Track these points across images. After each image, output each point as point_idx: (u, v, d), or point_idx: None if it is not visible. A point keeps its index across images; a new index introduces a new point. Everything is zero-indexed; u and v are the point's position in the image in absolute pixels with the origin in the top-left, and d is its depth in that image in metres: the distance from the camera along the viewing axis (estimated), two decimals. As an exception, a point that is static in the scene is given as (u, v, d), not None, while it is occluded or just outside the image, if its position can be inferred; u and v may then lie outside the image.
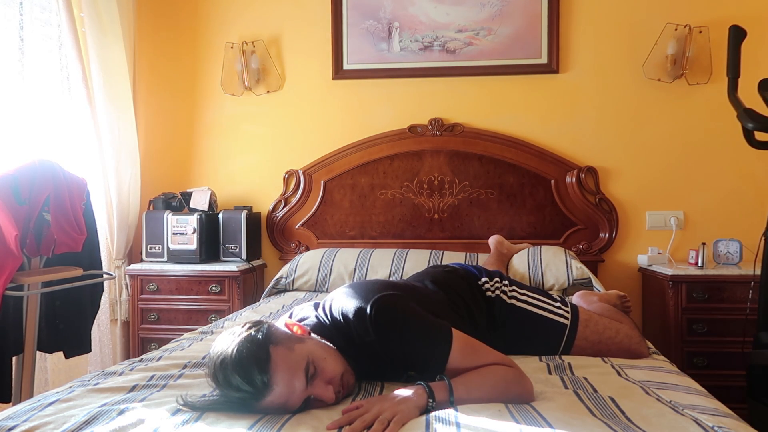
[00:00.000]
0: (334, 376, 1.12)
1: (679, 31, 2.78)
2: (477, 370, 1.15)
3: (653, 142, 2.86)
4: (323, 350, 1.14)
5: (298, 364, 1.07)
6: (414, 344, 1.19)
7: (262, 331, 1.08)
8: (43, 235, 1.75)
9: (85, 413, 1.06)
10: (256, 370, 1.02)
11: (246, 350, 1.04)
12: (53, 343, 1.95)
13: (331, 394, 1.10)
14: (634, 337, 1.59)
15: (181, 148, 3.15)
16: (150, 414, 1.06)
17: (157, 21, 3.15)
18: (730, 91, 2.12)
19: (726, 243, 2.64)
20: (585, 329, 1.56)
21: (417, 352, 1.19)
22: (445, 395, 1.07)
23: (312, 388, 1.08)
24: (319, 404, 1.10)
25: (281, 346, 1.08)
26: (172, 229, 2.80)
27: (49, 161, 1.80)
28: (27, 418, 1.06)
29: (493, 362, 1.18)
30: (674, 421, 0.99)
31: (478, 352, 1.20)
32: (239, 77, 3.08)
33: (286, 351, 1.08)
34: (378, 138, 2.99)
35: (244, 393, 1.03)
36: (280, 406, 1.05)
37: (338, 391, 1.12)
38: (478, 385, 1.11)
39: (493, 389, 1.11)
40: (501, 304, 1.57)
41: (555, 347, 1.55)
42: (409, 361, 1.22)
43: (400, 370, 1.26)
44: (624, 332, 1.59)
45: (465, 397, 1.07)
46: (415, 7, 2.98)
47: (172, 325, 2.77)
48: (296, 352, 1.08)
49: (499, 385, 1.12)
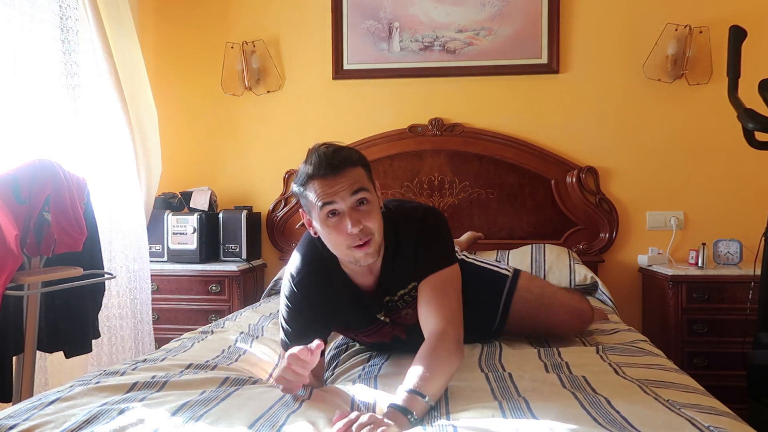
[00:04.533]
0: (369, 226, 1.25)
1: (680, 31, 2.78)
2: (429, 364, 1.16)
3: (653, 142, 2.87)
4: (379, 211, 1.30)
5: (365, 182, 1.26)
6: (436, 239, 1.36)
7: (366, 158, 1.32)
8: (44, 235, 1.75)
9: (86, 412, 1.06)
10: (343, 153, 1.25)
11: (351, 149, 1.30)
12: (53, 343, 1.95)
13: (356, 226, 1.22)
14: (575, 296, 1.75)
15: (181, 148, 3.15)
16: (150, 413, 1.06)
17: (157, 21, 3.15)
18: (731, 92, 2.12)
19: (726, 243, 2.64)
20: (528, 282, 1.66)
21: (433, 247, 1.35)
22: (417, 400, 1.07)
23: (352, 211, 1.23)
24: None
25: (367, 171, 1.29)
26: (173, 229, 2.80)
27: (49, 161, 1.80)
28: (27, 417, 1.05)
29: (444, 318, 1.27)
30: (671, 421, 0.99)
31: (450, 297, 1.32)
32: (239, 77, 3.08)
33: (366, 174, 1.28)
34: (378, 138, 2.99)
35: (325, 157, 1.22)
36: (326, 195, 1.22)
37: (359, 235, 1.24)
38: (437, 377, 1.14)
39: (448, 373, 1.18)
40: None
41: (498, 294, 1.63)
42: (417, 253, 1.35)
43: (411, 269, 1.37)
44: (567, 292, 1.71)
45: (434, 391, 1.11)
46: (415, 7, 2.98)
47: (173, 324, 2.77)
48: (369, 182, 1.28)
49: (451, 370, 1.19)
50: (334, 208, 1.23)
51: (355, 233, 1.22)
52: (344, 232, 1.23)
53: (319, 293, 1.38)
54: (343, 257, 1.33)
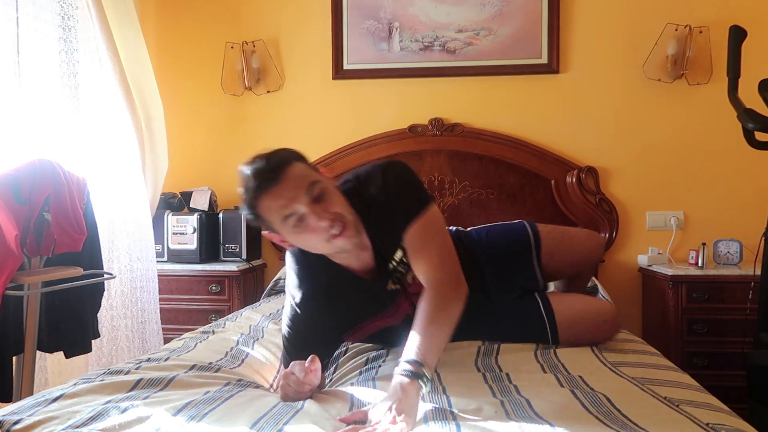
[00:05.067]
0: (337, 211, 1.21)
1: (680, 31, 2.78)
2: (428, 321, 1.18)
3: (653, 142, 2.87)
4: (338, 193, 1.27)
5: (312, 176, 1.21)
6: (402, 189, 1.33)
7: (297, 151, 1.26)
8: (44, 235, 1.75)
9: (90, 410, 1.06)
10: (279, 155, 1.22)
11: (279, 150, 1.25)
12: (53, 343, 1.95)
13: (323, 219, 1.18)
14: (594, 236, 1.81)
15: (182, 148, 3.15)
16: (154, 411, 1.06)
17: (157, 21, 3.15)
18: (731, 92, 2.12)
19: (726, 243, 2.64)
20: (544, 228, 1.67)
21: (402, 196, 1.32)
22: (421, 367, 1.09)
23: (313, 206, 1.18)
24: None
25: (304, 162, 1.24)
26: (173, 229, 2.80)
27: (49, 161, 1.80)
28: (32, 412, 1.06)
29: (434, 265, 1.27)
30: (670, 418, 0.99)
31: (435, 240, 1.30)
32: (239, 77, 3.08)
33: (307, 166, 1.24)
34: (378, 138, 2.99)
35: (259, 173, 1.20)
36: (280, 207, 1.18)
37: (331, 225, 1.20)
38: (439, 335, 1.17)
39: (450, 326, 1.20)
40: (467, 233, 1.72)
41: (527, 243, 1.63)
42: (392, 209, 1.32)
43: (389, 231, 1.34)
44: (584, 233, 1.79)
45: (437, 352, 1.15)
46: (415, 7, 2.98)
47: (172, 324, 2.77)
48: (314, 172, 1.24)
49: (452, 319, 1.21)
50: (294, 216, 1.19)
51: (326, 225, 1.19)
52: (316, 230, 1.19)
53: (327, 302, 1.35)
54: (329, 252, 1.29)
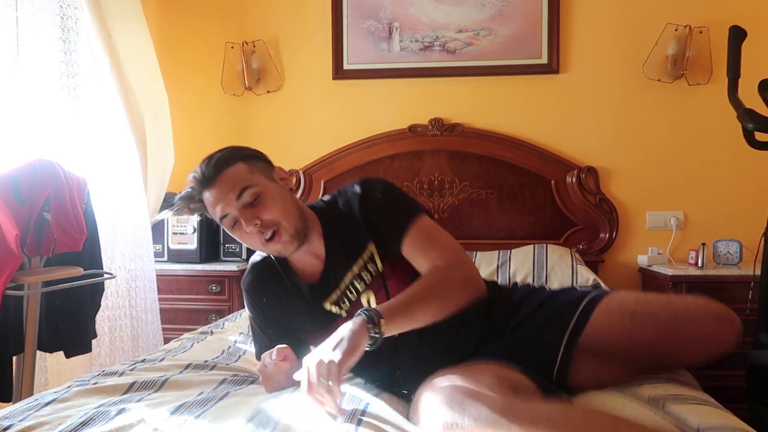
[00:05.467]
0: (269, 218, 1.18)
1: (680, 31, 2.78)
2: (416, 285, 1.11)
3: (653, 142, 2.86)
4: (282, 197, 1.22)
5: (246, 180, 1.18)
6: (388, 203, 1.25)
7: (250, 150, 1.27)
8: (44, 235, 1.75)
9: (83, 414, 1.06)
10: (216, 158, 1.20)
11: (225, 149, 1.23)
12: (53, 343, 1.95)
13: (251, 224, 1.16)
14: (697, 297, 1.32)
15: (182, 148, 3.15)
16: (149, 414, 1.06)
17: (158, 21, 3.15)
18: (731, 92, 2.12)
19: (726, 243, 2.64)
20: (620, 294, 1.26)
21: (388, 210, 1.24)
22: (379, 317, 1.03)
23: (243, 210, 1.17)
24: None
25: (249, 164, 1.22)
26: (173, 229, 2.80)
27: (49, 161, 1.80)
28: (24, 417, 1.05)
29: (441, 258, 1.17)
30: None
31: (435, 238, 1.22)
32: (239, 77, 3.08)
33: (248, 168, 1.21)
34: (378, 138, 2.99)
35: (196, 178, 1.20)
36: (215, 208, 1.19)
37: (260, 230, 1.18)
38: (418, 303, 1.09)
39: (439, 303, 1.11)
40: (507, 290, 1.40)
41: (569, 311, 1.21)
42: (378, 225, 1.24)
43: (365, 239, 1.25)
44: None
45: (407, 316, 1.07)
46: (415, 7, 2.98)
47: (173, 324, 2.77)
48: (254, 175, 1.21)
49: (443, 301, 1.11)
50: (228, 218, 1.19)
51: (255, 231, 1.17)
52: (248, 233, 1.19)
53: (264, 295, 1.33)
54: (265, 251, 1.29)
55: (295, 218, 1.22)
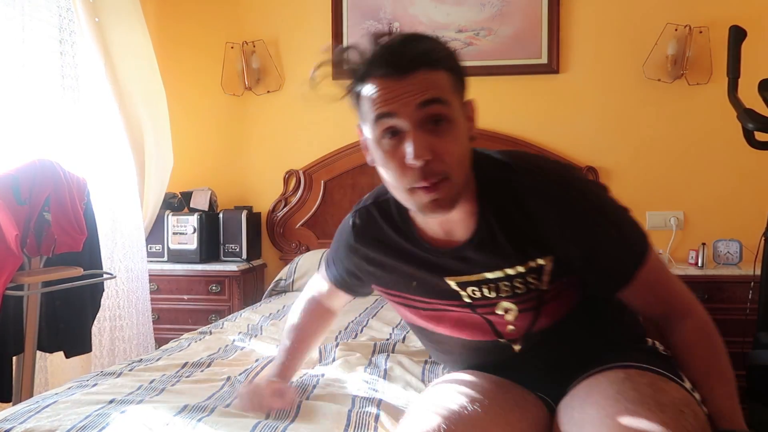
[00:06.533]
0: (444, 158, 0.85)
1: (680, 31, 2.78)
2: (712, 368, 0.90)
3: (653, 142, 2.86)
4: (464, 139, 0.90)
5: (440, 90, 0.86)
6: (609, 232, 0.90)
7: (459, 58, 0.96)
8: (44, 235, 1.75)
9: (83, 416, 1.06)
10: (417, 48, 0.87)
11: (425, 39, 0.91)
12: (53, 343, 1.95)
13: (420, 155, 0.83)
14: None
15: (182, 148, 3.15)
16: (150, 415, 1.05)
17: (157, 21, 3.15)
18: (730, 92, 2.12)
19: (726, 243, 2.64)
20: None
21: (609, 244, 0.90)
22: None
23: (419, 128, 0.84)
24: None
25: (453, 79, 0.91)
26: (173, 229, 2.80)
27: (49, 161, 1.80)
28: (24, 419, 1.05)
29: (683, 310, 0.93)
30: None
31: (665, 281, 0.94)
32: (239, 77, 3.08)
33: (451, 83, 0.89)
34: (378, 138, 2.99)
35: (384, 50, 0.86)
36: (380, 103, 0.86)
37: (423, 171, 0.84)
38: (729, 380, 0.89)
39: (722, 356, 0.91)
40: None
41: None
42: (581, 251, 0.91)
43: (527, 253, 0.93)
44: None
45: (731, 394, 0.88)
46: (415, 7, 2.98)
47: (173, 324, 2.77)
48: (453, 96, 0.89)
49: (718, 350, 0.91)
50: (392, 123, 0.85)
51: (418, 165, 0.84)
52: (402, 165, 0.85)
53: (369, 245, 1.06)
54: (403, 202, 0.92)
55: (465, 173, 0.90)
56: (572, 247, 0.91)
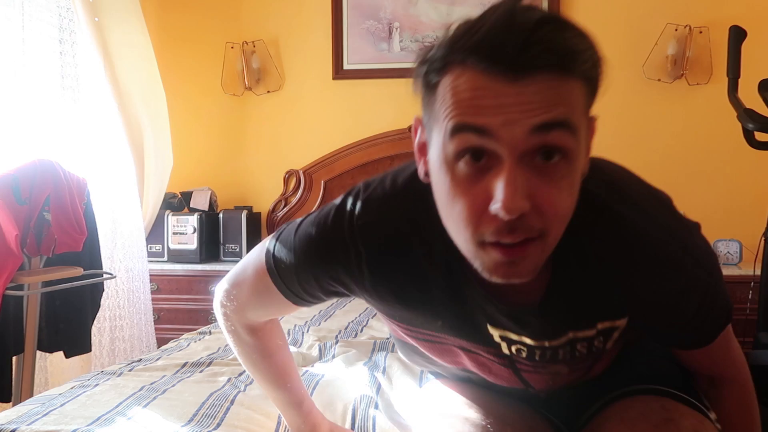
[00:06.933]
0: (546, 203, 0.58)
1: (680, 31, 2.78)
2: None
3: (653, 142, 2.86)
4: (577, 182, 0.65)
5: (568, 109, 0.62)
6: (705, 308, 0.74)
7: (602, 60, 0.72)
8: (44, 235, 1.75)
9: (85, 418, 1.06)
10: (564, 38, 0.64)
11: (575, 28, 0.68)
12: (53, 343, 1.95)
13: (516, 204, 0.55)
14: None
15: (182, 148, 3.15)
16: (149, 418, 1.05)
17: (157, 21, 3.15)
18: (731, 92, 2.12)
19: (726, 243, 2.64)
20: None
21: (701, 319, 0.75)
22: None
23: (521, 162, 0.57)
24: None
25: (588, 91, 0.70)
26: (173, 229, 2.80)
27: (49, 161, 1.80)
28: (28, 421, 1.05)
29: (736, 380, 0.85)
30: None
31: (731, 350, 0.83)
32: (239, 77, 3.08)
33: (584, 98, 0.68)
34: (378, 138, 2.99)
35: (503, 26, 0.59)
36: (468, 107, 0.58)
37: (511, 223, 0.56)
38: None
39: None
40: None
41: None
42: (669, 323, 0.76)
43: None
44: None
45: None
46: (415, 7, 2.98)
47: (173, 324, 2.77)
48: (581, 117, 0.67)
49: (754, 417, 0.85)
50: (481, 144, 0.57)
51: (508, 219, 0.56)
52: (483, 204, 0.58)
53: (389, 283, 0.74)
54: (464, 251, 0.63)
55: (561, 232, 0.63)
56: (657, 320, 0.76)
